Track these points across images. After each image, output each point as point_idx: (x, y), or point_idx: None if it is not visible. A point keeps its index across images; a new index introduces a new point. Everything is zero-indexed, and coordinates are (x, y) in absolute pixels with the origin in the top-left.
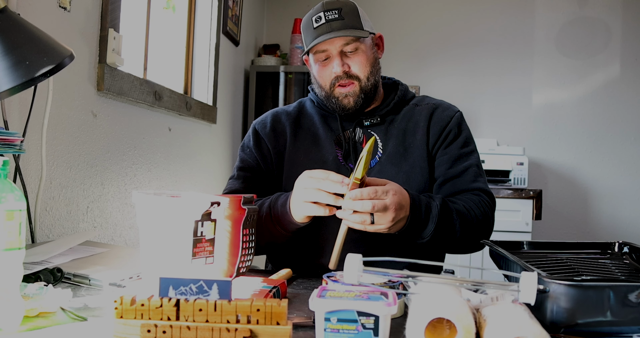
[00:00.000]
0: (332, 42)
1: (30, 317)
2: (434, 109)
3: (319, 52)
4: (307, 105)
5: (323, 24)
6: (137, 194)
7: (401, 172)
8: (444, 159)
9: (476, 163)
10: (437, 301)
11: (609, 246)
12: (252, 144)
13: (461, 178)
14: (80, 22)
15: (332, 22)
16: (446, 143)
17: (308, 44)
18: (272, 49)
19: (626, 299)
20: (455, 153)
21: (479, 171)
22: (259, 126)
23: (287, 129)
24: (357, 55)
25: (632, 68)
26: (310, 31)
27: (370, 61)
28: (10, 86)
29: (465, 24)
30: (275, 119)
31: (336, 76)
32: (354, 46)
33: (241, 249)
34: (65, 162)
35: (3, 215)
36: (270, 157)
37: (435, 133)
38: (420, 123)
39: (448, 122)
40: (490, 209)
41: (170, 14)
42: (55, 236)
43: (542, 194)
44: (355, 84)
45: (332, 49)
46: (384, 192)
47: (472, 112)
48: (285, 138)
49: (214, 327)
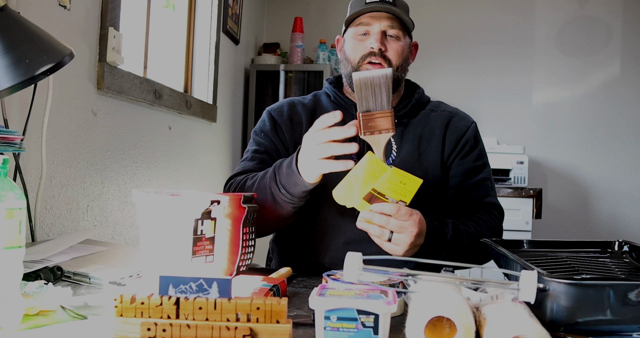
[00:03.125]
0: (379, 19)
1: (30, 315)
2: (450, 118)
3: (362, 25)
4: (322, 99)
5: (377, 2)
6: (137, 193)
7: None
8: (459, 171)
9: (489, 176)
10: (437, 299)
11: (608, 245)
12: (268, 128)
13: (475, 192)
14: (80, 21)
15: (386, 3)
16: (462, 154)
17: (354, 16)
18: (272, 48)
19: (626, 298)
20: (470, 165)
21: (491, 185)
22: (275, 112)
23: (303, 119)
24: (397, 42)
25: (632, 67)
26: (360, 4)
27: (404, 55)
28: (10, 84)
29: (466, 23)
30: (292, 108)
31: (370, 51)
32: (397, 32)
33: (241, 247)
34: (65, 160)
35: (3, 213)
36: (286, 145)
37: (451, 143)
38: (437, 130)
39: (464, 133)
40: (500, 225)
41: (170, 12)
42: (55, 234)
43: (542, 193)
44: (385, 67)
45: (376, 26)
46: (407, 214)
47: (472, 111)
48: (301, 129)
49: (214, 325)
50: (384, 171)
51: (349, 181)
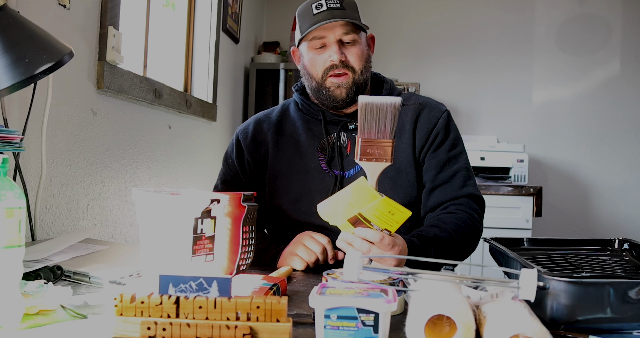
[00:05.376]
0: (332, 29)
1: (30, 314)
2: (420, 110)
3: (315, 39)
4: (290, 108)
5: (324, 11)
6: (137, 192)
7: (387, 178)
8: (432, 164)
9: (465, 165)
10: (437, 298)
11: (608, 243)
12: (234, 155)
13: (450, 183)
14: (80, 20)
15: (333, 10)
16: (434, 147)
17: (304, 30)
18: (272, 47)
19: (626, 296)
20: (444, 156)
21: (468, 174)
22: (241, 135)
23: (268, 138)
24: (355, 47)
25: (632, 65)
26: (308, 18)
27: (365, 56)
28: (10, 83)
29: (465, 21)
30: (257, 127)
31: (332, 64)
32: (352, 37)
33: (241, 246)
34: (65, 160)
35: (3, 212)
36: (250, 169)
37: (422, 136)
38: (406, 125)
39: (435, 124)
40: (480, 219)
41: (170, 11)
42: (55, 233)
43: (542, 192)
44: (349, 76)
45: (331, 37)
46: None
47: (472, 109)
48: (266, 148)
49: (214, 324)
50: (374, 199)
51: (335, 200)
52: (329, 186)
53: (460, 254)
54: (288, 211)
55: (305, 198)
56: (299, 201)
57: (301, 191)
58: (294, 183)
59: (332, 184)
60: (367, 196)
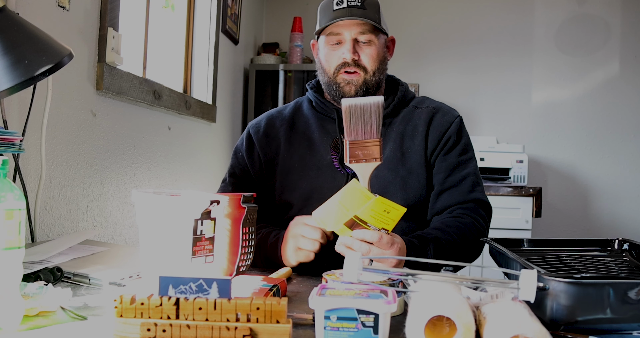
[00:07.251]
0: (349, 27)
1: (30, 316)
2: (433, 113)
3: (332, 35)
4: (304, 106)
5: (344, 8)
6: (136, 193)
7: (398, 177)
8: (442, 167)
9: (474, 171)
10: (437, 299)
11: (608, 243)
12: (244, 148)
13: (459, 187)
14: (79, 21)
15: (353, 8)
16: (445, 150)
17: (323, 24)
18: (272, 48)
19: (626, 296)
20: (454, 160)
21: (477, 180)
22: (252, 129)
23: (280, 133)
24: (370, 47)
25: (631, 66)
26: (328, 12)
27: (380, 58)
28: (10, 85)
29: (465, 22)
30: (269, 122)
31: (344, 61)
32: (368, 37)
33: (241, 248)
34: (65, 161)
35: (3, 214)
36: (260, 164)
37: (434, 139)
38: (419, 127)
39: (447, 128)
40: (485, 225)
41: (170, 12)
42: (55, 235)
43: (541, 192)
44: (360, 75)
45: (347, 34)
46: (389, 243)
47: (471, 110)
48: (278, 143)
49: (214, 325)
50: (367, 200)
51: (329, 206)
52: (340, 183)
53: (462, 258)
54: (298, 206)
55: (316, 194)
56: (310, 197)
57: (312, 187)
58: (305, 179)
59: (344, 183)
60: (361, 197)
